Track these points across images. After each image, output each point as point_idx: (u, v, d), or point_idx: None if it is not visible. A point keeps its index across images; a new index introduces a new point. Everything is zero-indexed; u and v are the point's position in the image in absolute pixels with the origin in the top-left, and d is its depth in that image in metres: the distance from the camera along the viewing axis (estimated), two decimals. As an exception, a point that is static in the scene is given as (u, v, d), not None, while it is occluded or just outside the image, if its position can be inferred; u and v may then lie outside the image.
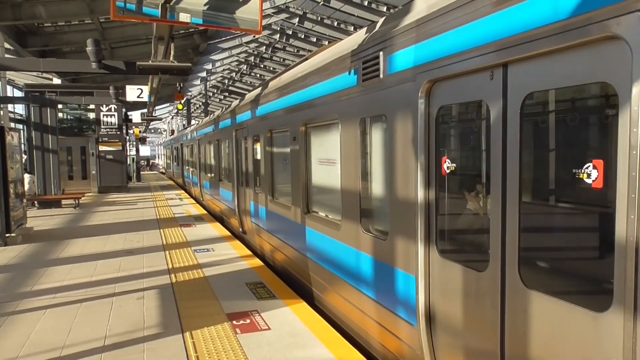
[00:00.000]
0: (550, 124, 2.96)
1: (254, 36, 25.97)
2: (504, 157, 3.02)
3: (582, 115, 2.80)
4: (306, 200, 6.68)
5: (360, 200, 4.96)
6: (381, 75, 4.39)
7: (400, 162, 4.15)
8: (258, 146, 9.39)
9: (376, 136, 4.80)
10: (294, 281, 7.43)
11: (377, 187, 4.81)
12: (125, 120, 26.16)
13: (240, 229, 11.48)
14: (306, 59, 7.33)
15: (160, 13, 5.10)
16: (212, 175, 15.81)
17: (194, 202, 19.08)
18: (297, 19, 24.00)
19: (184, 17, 5.18)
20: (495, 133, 3.08)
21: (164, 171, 55.73)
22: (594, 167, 2.48)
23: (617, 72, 2.29)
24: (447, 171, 3.64)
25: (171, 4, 5.09)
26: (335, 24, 23.63)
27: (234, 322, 5.49)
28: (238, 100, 12.20)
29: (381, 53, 4.38)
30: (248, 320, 5.54)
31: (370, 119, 4.79)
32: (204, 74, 34.85)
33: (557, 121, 2.93)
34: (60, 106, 22.29)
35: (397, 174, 4.20)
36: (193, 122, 39.74)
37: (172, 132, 54.56)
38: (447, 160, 3.64)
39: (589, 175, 2.51)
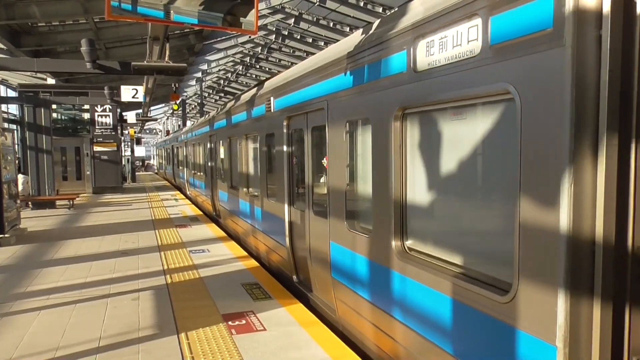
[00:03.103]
0: (321, 140, 5.84)
1: (250, 37, 25.94)
2: (307, 156, 6.29)
3: (323, 138, 5.67)
4: (247, 185, 10.04)
5: (266, 182, 8.34)
6: (272, 110, 7.74)
7: (278, 160, 7.39)
8: (223, 149, 12.86)
9: (271, 144, 7.99)
10: (237, 231, 11.31)
11: (272, 174, 8.00)
12: (120, 121, 26.02)
13: (214, 212, 14.66)
14: (255, 86, 10.33)
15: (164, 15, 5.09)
16: (195, 171, 19.52)
17: (190, 202, 19.05)
18: (293, 20, 23.98)
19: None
20: (305, 143, 6.32)
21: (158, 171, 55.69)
22: (325, 159, 5.60)
23: (324, 121, 5.54)
24: (294, 163, 6.92)
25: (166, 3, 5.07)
26: (331, 24, 23.63)
27: (230, 322, 5.48)
28: (212, 113, 15.98)
29: (272, 97, 7.75)
30: (243, 321, 5.53)
31: (269, 134, 7.99)
32: (199, 75, 34.74)
33: (321, 140, 5.84)
34: (54, 106, 22.18)
35: (277, 167, 7.46)
36: (189, 122, 39.88)
37: (168, 132, 54.36)
38: (295, 157, 6.92)
39: (325, 162, 5.64)
